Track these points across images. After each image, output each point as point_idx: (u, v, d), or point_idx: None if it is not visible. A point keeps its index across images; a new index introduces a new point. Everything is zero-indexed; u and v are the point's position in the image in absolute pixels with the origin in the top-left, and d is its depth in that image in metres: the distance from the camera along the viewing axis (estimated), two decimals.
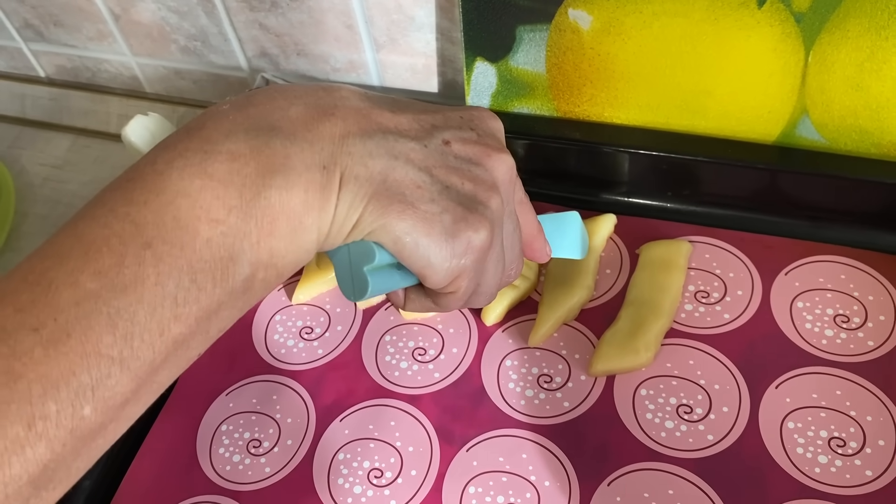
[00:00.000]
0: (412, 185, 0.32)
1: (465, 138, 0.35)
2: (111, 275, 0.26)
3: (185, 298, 0.28)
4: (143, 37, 0.67)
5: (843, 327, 0.47)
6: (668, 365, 0.47)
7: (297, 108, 0.32)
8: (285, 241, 0.30)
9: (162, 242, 0.27)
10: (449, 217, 0.32)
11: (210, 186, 0.28)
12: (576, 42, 0.51)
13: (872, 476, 0.41)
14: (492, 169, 0.35)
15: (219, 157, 0.29)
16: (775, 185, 0.52)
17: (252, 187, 0.29)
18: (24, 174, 0.73)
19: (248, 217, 0.29)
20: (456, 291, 0.35)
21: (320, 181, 0.30)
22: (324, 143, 0.31)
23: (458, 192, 0.33)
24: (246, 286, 0.30)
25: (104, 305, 0.26)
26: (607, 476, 0.43)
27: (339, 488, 0.45)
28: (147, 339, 0.27)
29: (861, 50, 0.46)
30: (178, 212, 0.28)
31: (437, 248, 0.32)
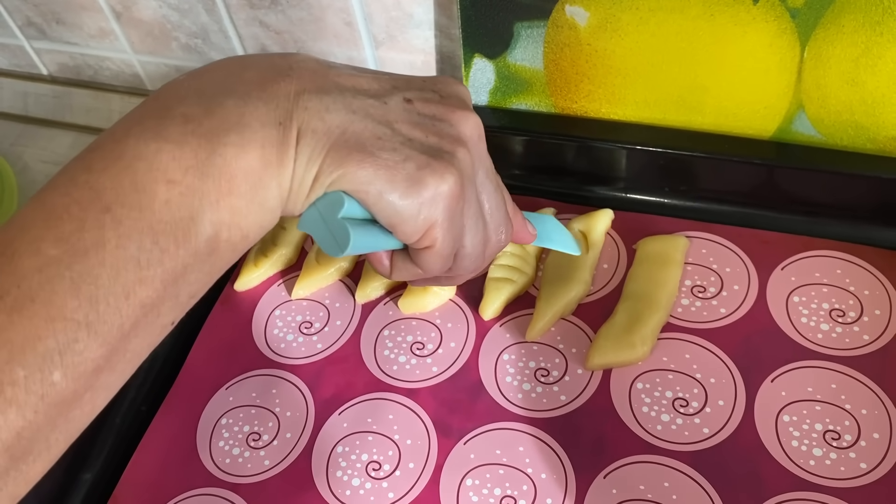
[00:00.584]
0: (372, 136, 0.32)
1: (428, 98, 0.35)
2: (72, 240, 0.27)
3: (148, 260, 0.28)
4: (144, 34, 0.67)
5: (838, 322, 0.47)
6: (665, 359, 0.47)
7: (252, 71, 0.32)
8: (245, 198, 0.30)
9: (121, 206, 0.28)
10: (412, 164, 0.32)
11: (166, 149, 0.29)
12: (573, 38, 0.51)
13: (867, 469, 0.41)
14: (457, 124, 0.34)
15: (173, 120, 0.29)
16: (772, 181, 0.52)
17: (207, 147, 0.29)
18: (27, 171, 0.74)
19: (205, 176, 0.29)
20: (433, 245, 0.34)
21: (277, 137, 0.31)
22: (279, 100, 0.31)
23: (421, 143, 0.33)
24: (210, 247, 0.30)
25: (66, 270, 0.26)
26: (603, 469, 0.44)
27: (337, 481, 0.45)
28: (112, 303, 0.27)
29: (856, 45, 0.46)
30: (135, 175, 0.28)
31: (402, 196, 0.32)
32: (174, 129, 0.29)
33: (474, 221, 0.36)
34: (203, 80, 0.32)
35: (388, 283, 0.53)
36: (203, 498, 0.46)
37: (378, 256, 0.38)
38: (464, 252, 0.36)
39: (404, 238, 0.34)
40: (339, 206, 0.32)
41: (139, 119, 0.30)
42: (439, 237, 0.34)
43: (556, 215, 0.54)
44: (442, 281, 0.41)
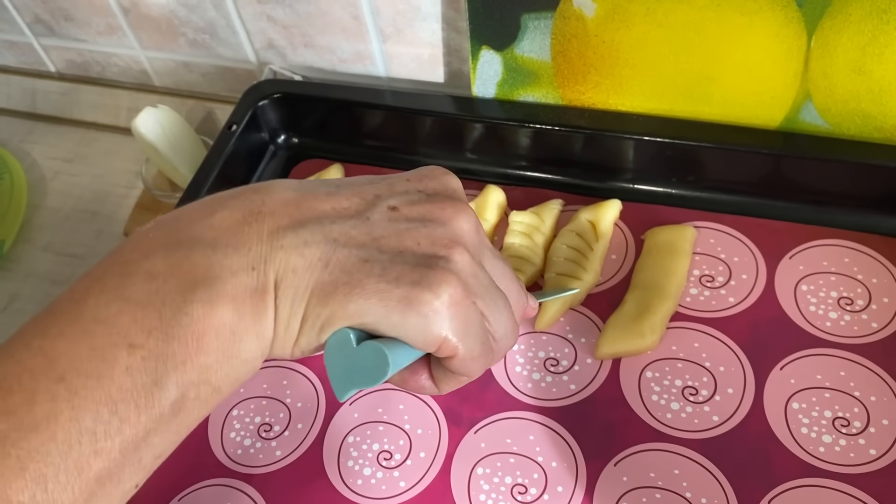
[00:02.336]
0: (357, 261, 0.29)
1: (414, 200, 0.32)
2: (20, 413, 0.25)
3: (105, 431, 0.26)
4: (151, 30, 0.68)
5: (846, 310, 0.47)
6: (674, 348, 0.47)
7: (221, 213, 0.30)
8: (216, 355, 0.28)
9: (76, 375, 0.26)
10: (406, 283, 0.29)
11: (127, 310, 0.27)
12: (580, 30, 0.51)
13: (876, 455, 0.42)
14: (448, 222, 0.31)
15: (136, 278, 0.27)
16: (779, 171, 0.52)
17: (171, 305, 0.27)
18: (35, 168, 0.74)
19: (170, 338, 0.27)
20: (455, 354, 0.31)
21: (251, 285, 0.28)
22: (251, 244, 0.29)
23: (413, 254, 0.30)
24: (176, 408, 0.27)
25: (12, 447, 0.24)
26: (614, 457, 0.44)
27: (349, 470, 0.46)
28: (63, 480, 0.25)
29: (863, 34, 0.46)
30: (93, 340, 0.26)
31: (402, 319, 0.29)
32: (137, 287, 0.27)
33: (494, 306, 0.32)
34: (169, 229, 0.30)
35: None
36: (215, 489, 0.46)
37: (416, 382, 0.35)
38: (497, 336, 0.33)
39: (423, 350, 0.31)
40: (348, 341, 0.29)
41: (100, 277, 0.28)
42: (459, 345, 0.30)
43: (563, 206, 0.54)
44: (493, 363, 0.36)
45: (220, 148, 0.58)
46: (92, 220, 0.69)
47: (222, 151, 0.58)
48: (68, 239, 0.68)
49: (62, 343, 0.26)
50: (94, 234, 0.68)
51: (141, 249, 0.29)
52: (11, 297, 0.65)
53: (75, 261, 0.66)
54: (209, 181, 0.57)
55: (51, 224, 0.70)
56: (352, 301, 0.29)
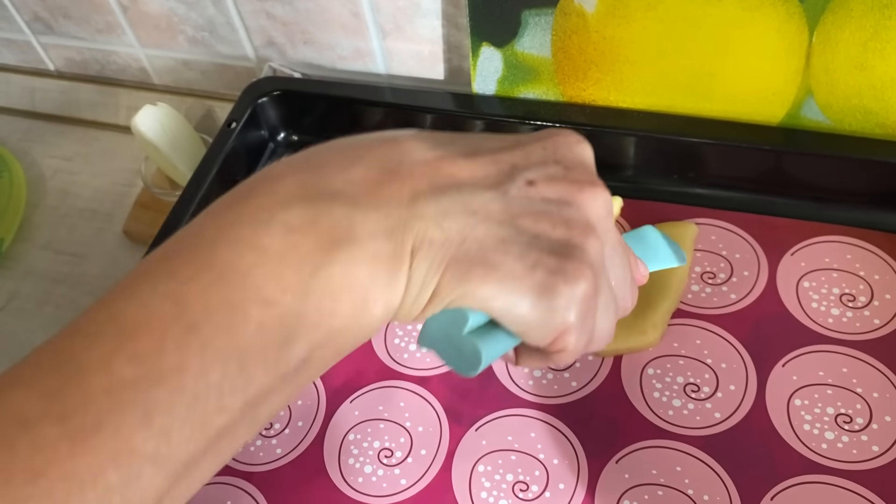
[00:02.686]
0: (495, 240, 0.28)
1: (552, 175, 0.30)
2: (149, 361, 0.24)
3: (231, 388, 0.25)
4: (151, 28, 0.67)
5: (849, 306, 0.47)
6: (675, 345, 0.47)
7: (359, 168, 0.28)
8: (347, 319, 0.27)
9: (208, 326, 0.25)
10: (542, 271, 0.28)
11: (263, 263, 0.26)
12: (581, 26, 0.51)
13: (879, 451, 0.42)
14: (584, 207, 0.30)
15: (273, 229, 0.26)
16: (780, 167, 0.52)
17: (311, 263, 0.26)
18: (34, 166, 0.74)
19: (306, 297, 0.26)
20: (565, 348, 0.30)
21: (388, 251, 0.27)
22: (391, 207, 0.28)
23: (549, 239, 0.29)
24: (299, 369, 0.27)
25: (140, 396, 0.24)
26: (615, 454, 0.44)
27: (349, 468, 0.45)
28: (186, 434, 0.24)
29: (864, 29, 0.46)
30: (226, 291, 0.25)
31: (532, 307, 0.28)
32: (274, 239, 0.26)
33: (606, 307, 0.31)
34: (305, 177, 0.28)
35: None
36: (216, 487, 0.46)
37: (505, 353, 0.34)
38: (596, 335, 0.32)
39: (535, 343, 0.30)
40: (464, 323, 0.29)
41: (232, 221, 0.27)
42: (572, 340, 0.30)
43: None
44: None
45: (219, 145, 0.58)
46: (91, 219, 0.69)
47: (222, 149, 0.58)
48: (67, 237, 0.68)
49: (194, 289, 0.25)
50: (94, 233, 0.68)
51: (276, 195, 0.27)
52: (11, 295, 0.65)
53: (74, 259, 0.66)
54: (209, 179, 0.57)
55: (50, 222, 0.69)
56: (487, 284, 0.28)
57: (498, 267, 0.28)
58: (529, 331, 0.29)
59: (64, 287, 0.65)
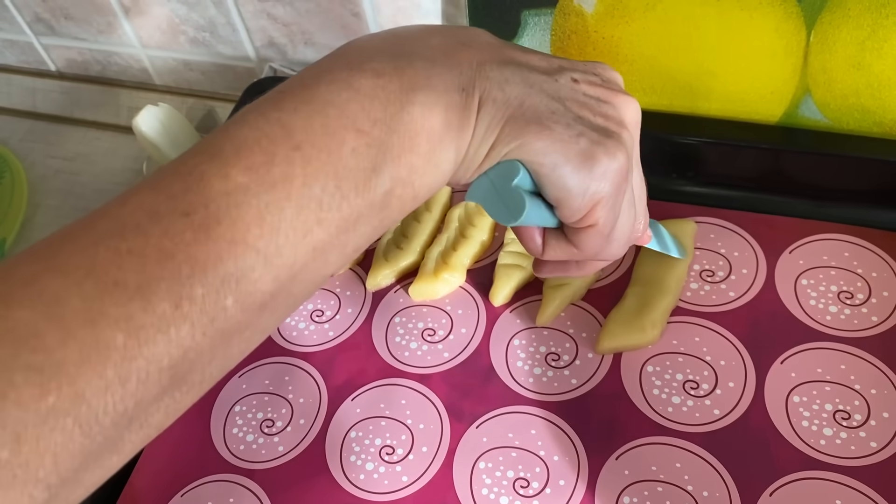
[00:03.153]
0: (547, 110, 0.32)
1: (592, 80, 0.35)
2: (261, 171, 0.27)
3: (329, 203, 0.28)
4: (152, 29, 0.68)
5: (846, 303, 0.47)
6: (675, 342, 0.47)
7: (436, 38, 0.33)
8: (424, 158, 0.31)
9: (310, 146, 0.28)
10: (585, 140, 0.32)
11: (356, 99, 0.29)
12: (580, 26, 0.51)
13: (877, 447, 0.42)
14: (620, 107, 0.35)
15: (364, 73, 0.30)
16: (779, 166, 0.52)
17: (396, 102, 0.30)
18: (36, 167, 0.74)
19: (392, 131, 0.30)
20: (595, 224, 0.34)
21: (459, 102, 0.31)
22: (462, 67, 0.32)
23: (590, 122, 0.33)
24: (384, 201, 0.30)
25: (253, 198, 0.27)
26: (615, 450, 0.44)
27: (351, 465, 0.46)
28: (291, 237, 0.27)
29: (862, 28, 0.46)
30: (325, 119, 0.29)
31: (575, 169, 0.32)
32: (365, 81, 0.30)
33: (628, 205, 0.36)
34: (389, 41, 0.32)
35: (398, 270, 0.53)
36: (218, 484, 0.46)
37: (531, 234, 0.38)
38: (614, 235, 0.36)
39: (569, 214, 0.34)
40: (515, 174, 0.33)
41: (328, 69, 0.30)
42: (602, 215, 0.34)
43: None
44: (583, 268, 0.40)
45: None
46: None
47: None
48: None
49: (297, 118, 0.29)
50: None
51: (365, 52, 0.31)
52: None
53: None
54: None
55: (52, 222, 0.70)
56: (540, 139, 0.32)
57: (550, 128, 0.32)
58: (569, 197, 0.33)
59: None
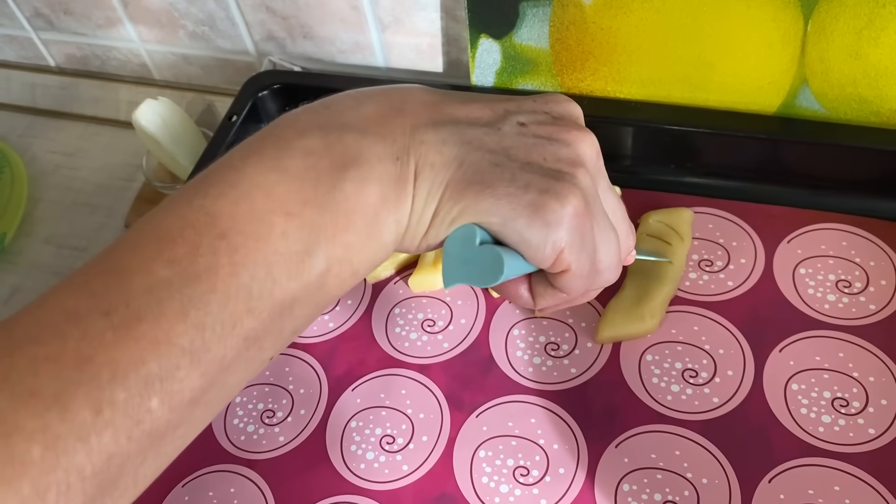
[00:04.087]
0: (489, 165, 0.31)
1: (541, 120, 0.33)
2: (185, 263, 0.26)
3: (259, 291, 0.27)
4: (151, 23, 0.68)
5: (844, 292, 0.47)
6: (674, 331, 0.47)
7: (368, 105, 0.32)
8: (361, 234, 0.30)
9: (237, 233, 0.27)
10: (534, 190, 0.31)
11: (285, 181, 0.28)
12: (578, 17, 0.52)
13: (875, 434, 0.42)
14: (573, 144, 0.33)
15: (293, 152, 0.29)
16: (777, 156, 0.52)
17: (327, 181, 0.29)
18: (36, 161, 0.74)
19: (324, 211, 0.29)
20: (568, 269, 0.32)
21: (395, 173, 0.30)
22: (395, 135, 0.31)
23: (540, 167, 0.32)
24: (321, 282, 0.29)
25: (177, 293, 0.26)
26: (615, 438, 0.44)
27: (352, 455, 0.46)
28: (219, 331, 0.26)
29: (859, 17, 0.46)
30: (252, 204, 0.28)
31: (528, 223, 0.31)
32: (294, 161, 0.29)
33: (605, 235, 0.34)
34: (320, 113, 0.32)
35: (397, 262, 0.53)
36: (219, 474, 0.47)
37: (516, 289, 0.36)
38: (601, 266, 0.34)
39: (538, 263, 0.32)
40: (474, 236, 0.31)
41: (257, 149, 0.30)
42: (573, 259, 0.32)
43: None
44: (584, 298, 0.38)
45: (220, 139, 0.59)
46: (93, 213, 0.69)
47: (223, 142, 0.59)
48: (69, 232, 0.68)
49: (223, 204, 0.28)
50: (95, 227, 0.68)
51: (295, 128, 0.31)
52: (13, 289, 0.65)
53: (76, 253, 0.67)
54: None
55: (52, 217, 0.70)
56: (483, 199, 0.31)
57: (493, 185, 0.31)
58: (529, 248, 0.31)
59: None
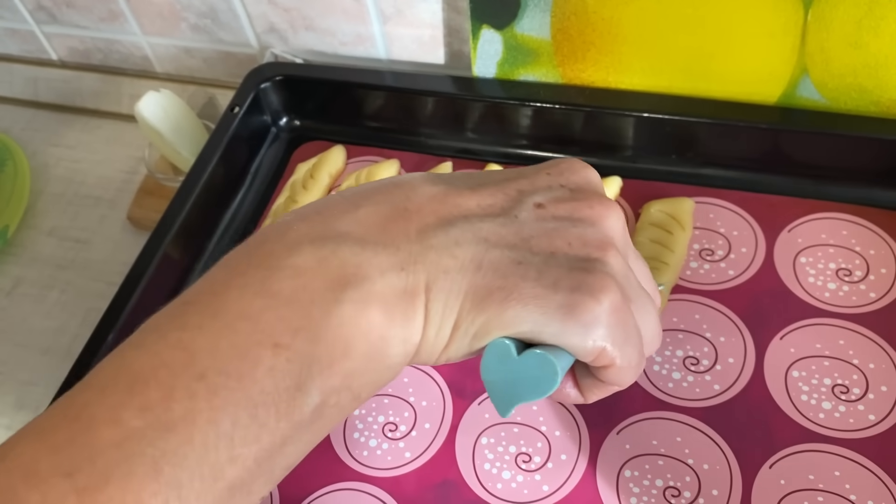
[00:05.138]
0: (511, 263, 0.28)
1: (559, 197, 0.30)
2: (158, 411, 0.23)
3: (243, 437, 0.24)
4: (153, 16, 0.68)
5: (845, 280, 0.48)
6: (675, 319, 0.48)
7: (366, 209, 0.28)
8: (362, 361, 0.26)
9: (217, 373, 0.24)
10: (564, 288, 0.27)
11: (272, 306, 0.25)
12: (580, 7, 0.52)
13: (876, 420, 0.42)
14: (598, 222, 0.30)
15: (282, 273, 0.26)
16: (777, 146, 0.52)
17: (321, 304, 0.26)
18: (38, 155, 0.74)
19: (318, 339, 0.25)
20: (613, 363, 0.29)
21: (401, 287, 0.27)
22: (399, 242, 0.27)
23: (566, 256, 0.28)
24: (316, 415, 0.26)
25: (148, 447, 0.23)
26: (616, 425, 0.44)
27: (354, 442, 0.46)
28: (197, 487, 0.23)
29: (859, 7, 0.46)
30: (235, 337, 0.25)
31: (561, 327, 0.27)
32: (283, 283, 0.26)
33: (645, 313, 0.31)
34: (312, 221, 0.28)
35: None
36: None
37: (562, 389, 0.33)
38: (647, 339, 0.31)
39: (581, 359, 0.29)
40: (508, 353, 0.28)
41: (242, 270, 0.27)
42: (617, 354, 0.28)
43: None
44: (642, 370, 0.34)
45: (222, 130, 0.59)
46: (95, 205, 0.69)
47: (225, 134, 0.59)
48: (71, 224, 0.69)
49: (202, 337, 0.25)
50: (98, 219, 0.68)
51: (285, 242, 0.27)
52: (16, 281, 0.65)
53: (78, 245, 0.67)
54: (212, 164, 0.57)
55: (54, 209, 0.70)
56: (509, 307, 0.27)
57: (518, 289, 0.27)
58: (569, 349, 0.28)
59: (69, 273, 0.65)
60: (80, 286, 0.64)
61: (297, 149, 0.62)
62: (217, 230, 0.58)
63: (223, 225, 0.58)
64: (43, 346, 0.61)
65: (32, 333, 0.62)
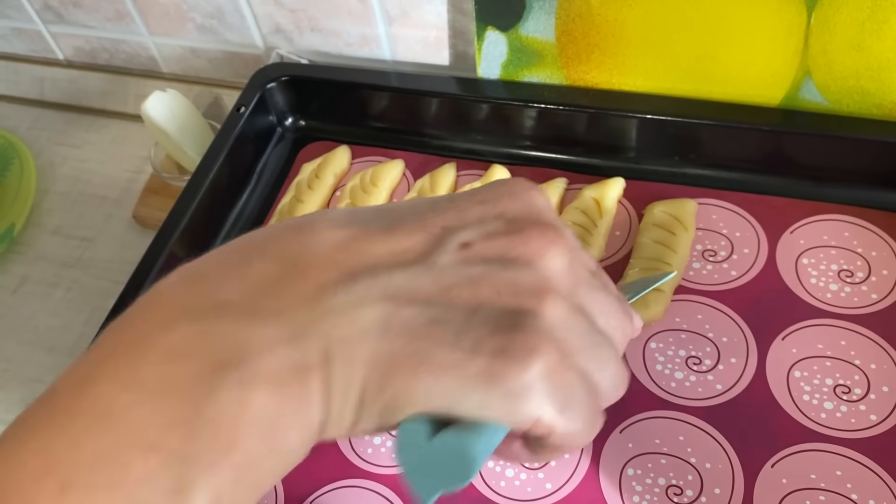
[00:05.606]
0: (425, 324, 0.24)
1: (491, 231, 0.26)
2: None
3: None
4: (160, 16, 0.69)
5: (847, 281, 0.48)
6: (678, 319, 0.48)
7: (256, 267, 0.25)
8: (254, 450, 0.23)
9: (81, 486, 0.21)
10: (485, 353, 0.23)
11: (143, 400, 0.22)
12: (584, 9, 0.52)
13: (877, 420, 0.43)
14: (536, 261, 0.25)
15: (152, 356, 0.23)
16: (780, 148, 0.53)
17: (197, 393, 0.22)
18: (44, 154, 0.75)
19: (195, 435, 0.22)
20: (552, 431, 0.25)
21: (292, 362, 0.23)
22: (293, 307, 0.24)
23: (493, 308, 0.24)
24: None
25: None
26: (619, 424, 0.45)
27: (359, 439, 0.46)
28: None
29: (861, 10, 0.47)
30: (100, 441, 0.21)
31: (483, 399, 0.23)
32: (153, 368, 0.22)
33: (599, 362, 0.26)
34: (192, 290, 0.24)
35: None
36: None
37: (510, 450, 0.28)
38: (602, 389, 0.26)
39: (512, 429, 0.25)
40: (419, 435, 0.24)
41: (110, 353, 0.23)
42: (556, 422, 0.24)
43: (568, 185, 0.55)
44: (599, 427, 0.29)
45: (228, 130, 0.59)
46: (101, 205, 0.70)
47: (230, 133, 0.59)
48: (77, 223, 0.69)
49: (63, 443, 0.21)
50: (103, 218, 0.69)
51: (159, 315, 0.24)
52: (22, 279, 0.66)
53: (84, 244, 0.67)
54: (217, 163, 0.57)
55: (60, 208, 0.70)
56: (418, 381, 0.23)
57: (429, 357, 0.23)
58: (496, 421, 0.24)
59: (74, 271, 0.66)
60: (85, 285, 0.64)
61: (302, 149, 0.62)
62: (222, 229, 0.58)
63: (228, 224, 0.59)
64: (48, 343, 0.61)
65: (38, 331, 0.62)
